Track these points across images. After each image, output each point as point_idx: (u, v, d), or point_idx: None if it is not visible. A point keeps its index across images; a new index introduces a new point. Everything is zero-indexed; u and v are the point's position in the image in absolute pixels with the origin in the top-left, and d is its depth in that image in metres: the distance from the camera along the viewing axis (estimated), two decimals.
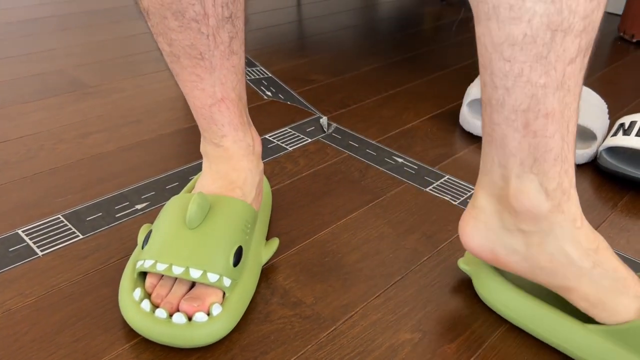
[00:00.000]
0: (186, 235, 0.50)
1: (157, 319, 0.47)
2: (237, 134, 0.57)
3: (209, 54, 0.51)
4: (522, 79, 0.42)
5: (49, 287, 0.54)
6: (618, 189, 0.75)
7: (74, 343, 0.48)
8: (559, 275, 0.47)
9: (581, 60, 0.42)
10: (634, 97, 1.05)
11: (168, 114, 0.89)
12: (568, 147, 0.45)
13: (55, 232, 0.61)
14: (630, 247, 0.64)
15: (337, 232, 0.63)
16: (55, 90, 0.95)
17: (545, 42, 0.40)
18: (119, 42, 1.19)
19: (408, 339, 0.50)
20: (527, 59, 0.41)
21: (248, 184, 0.57)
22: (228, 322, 0.48)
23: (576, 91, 0.44)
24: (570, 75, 0.42)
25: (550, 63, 0.41)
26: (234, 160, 0.57)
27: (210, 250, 0.49)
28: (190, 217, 0.50)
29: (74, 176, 0.71)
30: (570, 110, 0.44)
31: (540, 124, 0.43)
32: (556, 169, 0.45)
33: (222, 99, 0.54)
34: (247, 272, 0.52)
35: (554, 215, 0.46)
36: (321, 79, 1.06)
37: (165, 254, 0.49)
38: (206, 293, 0.49)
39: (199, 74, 0.52)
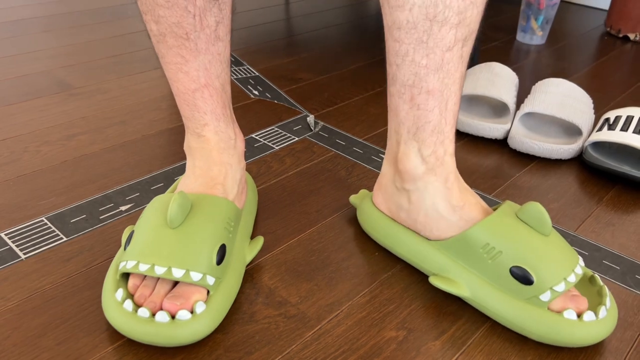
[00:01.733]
0: (168, 235, 0.49)
1: (140, 319, 0.46)
2: (219, 125, 0.57)
3: (195, 34, 0.52)
4: (408, 58, 0.50)
5: (31, 290, 0.53)
6: (603, 184, 0.75)
7: (57, 346, 0.47)
8: (433, 227, 0.55)
9: (459, 49, 0.49)
10: (620, 91, 1.05)
11: (153, 114, 0.88)
12: (445, 122, 0.52)
13: (39, 235, 0.60)
14: (615, 241, 0.64)
15: (323, 231, 0.63)
16: (40, 92, 0.94)
17: (425, 29, 0.47)
18: (104, 43, 1.18)
19: (393, 337, 0.50)
20: (411, 42, 0.49)
21: (229, 180, 0.57)
22: (212, 320, 0.48)
23: (455, 75, 0.50)
24: (448, 60, 0.49)
25: (430, 47, 0.48)
26: (214, 153, 0.57)
27: (193, 249, 0.49)
28: (171, 216, 0.50)
29: (58, 178, 0.71)
30: (450, 91, 0.51)
31: (422, 98, 0.51)
32: (432, 138, 0.53)
33: (206, 85, 0.55)
34: (230, 271, 0.52)
35: (427, 176, 0.54)
36: (308, 78, 1.06)
37: (147, 254, 0.48)
38: (189, 291, 0.48)
39: (184, 56, 0.53)
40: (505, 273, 0.50)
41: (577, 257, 0.51)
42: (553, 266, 0.49)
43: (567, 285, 0.49)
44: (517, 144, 0.81)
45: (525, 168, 0.78)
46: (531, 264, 0.50)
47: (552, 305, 0.49)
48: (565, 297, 0.50)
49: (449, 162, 0.54)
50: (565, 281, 0.49)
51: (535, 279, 0.49)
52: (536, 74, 1.13)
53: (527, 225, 0.52)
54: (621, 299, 0.56)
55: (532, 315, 0.49)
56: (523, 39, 1.31)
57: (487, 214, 0.54)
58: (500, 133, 0.83)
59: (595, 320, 0.49)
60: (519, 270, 0.50)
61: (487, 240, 0.51)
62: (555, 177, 0.76)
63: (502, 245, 0.51)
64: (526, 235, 0.51)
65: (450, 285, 0.53)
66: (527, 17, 1.27)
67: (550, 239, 0.51)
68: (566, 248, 0.52)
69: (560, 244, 0.52)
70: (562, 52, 1.26)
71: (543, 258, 0.50)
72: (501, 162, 0.80)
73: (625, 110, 0.80)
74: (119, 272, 0.50)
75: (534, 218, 0.51)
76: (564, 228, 0.66)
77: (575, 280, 0.49)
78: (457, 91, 0.52)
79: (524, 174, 0.77)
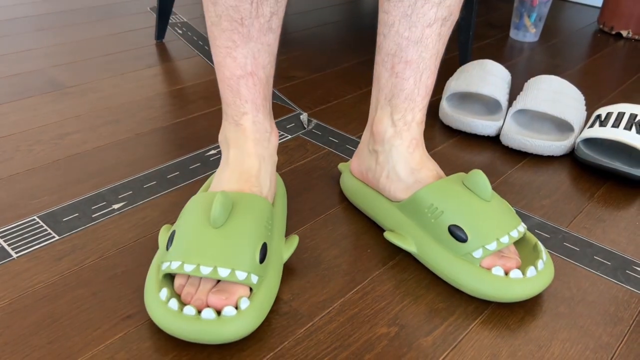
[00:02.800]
0: (211, 235, 0.50)
1: (186, 317, 0.46)
2: (258, 115, 0.58)
3: (249, 21, 0.53)
4: (393, 29, 0.56)
5: (23, 289, 0.53)
6: (595, 180, 0.75)
7: (48, 345, 0.47)
8: (392, 188, 0.61)
9: (438, 27, 0.55)
10: (612, 88, 1.06)
11: (146, 113, 0.88)
12: (418, 92, 0.59)
13: (31, 234, 0.60)
14: (606, 237, 0.64)
15: (316, 228, 0.63)
16: (32, 91, 0.94)
17: (410, 4, 0.54)
18: (97, 41, 1.18)
19: (385, 333, 0.50)
20: (397, 14, 0.55)
21: (262, 173, 0.58)
22: (256, 317, 0.48)
23: (432, 51, 0.57)
24: (427, 36, 0.56)
25: (412, 21, 0.55)
26: (249, 144, 0.58)
27: (237, 248, 0.49)
28: (215, 216, 0.50)
29: (51, 177, 0.71)
30: (426, 64, 0.57)
31: (401, 67, 0.57)
32: (404, 105, 0.59)
33: (252, 73, 0.56)
34: (271, 269, 0.52)
35: (394, 139, 0.60)
36: (302, 75, 1.06)
37: (192, 255, 0.48)
38: (233, 288, 0.49)
39: (235, 40, 0.54)
40: (444, 231, 0.55)
41: (516, 222, 0.56)
42: (487, 227, 0.54)
43: (498, 245, 0.53)
44: (509, 140, 0.81)
45: (517, 165, 0.78)
46: (467, 223, 0.54)
47: (484, 263, 0.54)
48: (497, 256, 0.54)
49: (414, 129, 0.60)
50: (498, 241, 0.53)
51: (469, 237, 0.54)
52: (529, 71, 1.13)
53: (470, 191, 0.57)
54: (612, 294, 0.56)
55: (465, 270, 0.54)
56: (516, 36, 1.31)
57: (437, 177, 0.60)
58: (493, 130, 0.83)
59: (521, 278, 0.52)
60: (456, 229, 0.55)
61: (432, 201, 0.57)
62: (547, 173, 0.77)
63: (444, 206, 0.56)
64: (466, 199, 0.56)
65: (401, 241, 0.58)
66: (520, 14, 1.28)
67: (491, 204, 0.56)
68: (505, 213, 0.56)
69: (500, 209, 0.56)
70: (555, 49, 1.26)
71: (478, 219, 0.54)
72: (493, 159, 0.80)
73: (617, 106, 0.81)
74: (161, 272, 0.50)
75: (476, 184, 0.56)
76: (556, 224, 0.66)
77: (508, 241, 0.54)
78: (433, 66, 0.58)
79: (516, 171, 0.77)
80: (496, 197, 0.58)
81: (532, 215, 0.68)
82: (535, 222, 0.66)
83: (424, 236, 0.57)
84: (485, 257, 0.54)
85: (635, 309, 0.54)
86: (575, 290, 0.56)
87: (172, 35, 1.23)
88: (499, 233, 0.54)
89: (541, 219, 0.67)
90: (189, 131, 0.83)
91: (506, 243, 0.54)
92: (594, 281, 0.58)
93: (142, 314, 0.51)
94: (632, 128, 0.75)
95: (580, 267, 0.59)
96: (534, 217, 0.67)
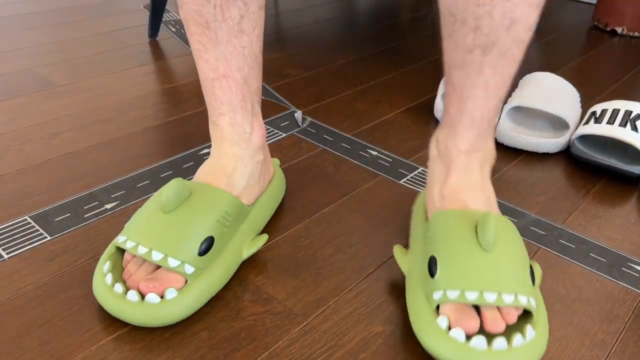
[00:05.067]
0: (159, 219, 0.51)
1: (114, 293, 0.48)
2: (235, 117, 0.58)
3: (215, 24, 0.53)
4: (444, 47, 0.52)
5: (14, 290, 0.52)
6: (590, 177, 0.75)
7: (40, 346, 0.47)
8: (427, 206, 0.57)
9: (479, 56, 0.48)
10: (607, 85, 1.05)
11: (137, 112, 0.87)
12: (460, 120, 0.53)
13: (22, 234, 0.60)
14: (601, 233, 0.64)
15: (310, 227, 0.63)
16: (23, 90, 0.93)
17: (451, 23, 0.49)
18: (88, 40, 1.17)
19: (380, 332, 0.50)
20: (444, 33, 0.51)
21: (237, 173, 0.58)
22: (180, 309, 0.48)
23: (477, 80, 0.50)
24: (469, 63, 0.49)
25: (455, 43, 0.49)
26: (225, 144, 0.58)
27: (177, 235, 0.50)
28: (164, 201, 0.51)
29: (42, 177, 0.70)
30: (470, 93, 0.51)
31: (449, 89, 0.53)
32: (447, 128, 0.55)
33: (225, 76, 0.56)
34: (217, 264, 0.52)
35: (435, 161, 0.57)
36: (296, 73, 1.05)
37: (136, 234, 0.50)
38: (168, 277, 0.49)
39: (204, 44, 0.54)
40: (427, 260, 0.50)
41: (519, 289, 0.46)
42: (461, 272, 0.46)
43: (460, 297, 0.45)
44: (504, 138, 0.81)
45: (512, 162, 0.78)
46: (444, 259, 0.48)
47: (442, 310, 0.47)
48: (460, 309, 0.46)
49: (454, 156, 0.54)
50: (462, 292, 0.45)
51: (438, 273, 0.47)
52: (524, 68, 1.13)
53: (474, 231, 0.49)
54: (607, 291, 0.56)
55: (420, 311, 0.47)
56: None
57: None
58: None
59: (485, 349, 0.44)
60: (432, 261, 0.49)
61: (431, 228, 0.52)
62: (542, 170, 0.77)
63: (438, 236, 0.50)
64: (462, 238, 0.48)
65: (400, 259, 0.54)
66: None
67: (488, 255, 0.47)
68: (507, 272, 0.46)
69: (500, 265, 0.46)
70: (550, 45, 1.26)
71: (458, 260, 0.47)
72: None
73: (612, 103, 0.80)
74: (113, 244, 0.52)
75: (480, 228, 0.48)
76: (551, 221, 0.66)
77: (475, 300, 0.45)
78: (479, 98, 0.51)
79: (511, 168, 0.77)
80: (506, 252, 0.48)
81: (527, 212, 0.67)
82: (530, 219, 0.66)
83: (417, 261, 0.52)
84: (444, 304, 0.46)
85: (631, 306, 0.54)
86: (570, 288, 0.56)
87: (166, 33, 1.23)
88: (470, 285, 0.45)
89: (536, 216, 0.67)
90: (182, 130, 0.83)
91: (472, 300, 0.45)
92: (589, 278, 0.57)
93: None
94: (627, 125, 0.75)
95: (576, 264, 0.59)
96: (529, 214, 0.67)
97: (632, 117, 0.76)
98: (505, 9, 0.45)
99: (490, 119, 0.53)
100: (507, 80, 0.51)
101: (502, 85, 0.51)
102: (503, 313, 0.46)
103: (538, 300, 0.49)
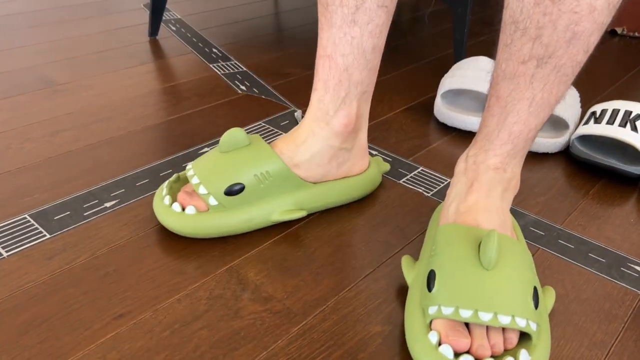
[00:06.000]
0: (214, 156, 0.60)
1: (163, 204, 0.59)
2: (325, 96, 0.60)
3: (332, 7, 0.56)
4: (497, 59, 0.52)
5: (13, 288, 0.52)
6: (590, 177, 0.75)
7: (38, 344, 0.47)
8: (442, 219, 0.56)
9: (533, 68, 0.48)
10: (607, 85, 1.05)
11: (139, 110, 0.87)
12: (498, 134, 0.53)
13: (22, 232, 0.60)
14: (601, 234, 0.64)
15: (309, 227, 0.63)
16: (24, 88, 0.93)
17: (510, 32, 0.49)
18: (90, 38, 1.17)
19: (379, 332, 0.50)
20: (501, 43, 0.51)
21: (305, 145, 0.61)
22: (191, 224, 0.57)
23: (524, 94, 0.49)
24: (520, 74, 0.49)
25: (509, 52, 0.49)
26: (308, 117, 0.62)
27: (216, 172, 0.58)
28: (222, 141, 0.59)
29: (42, 175, 0.70)
30: (514, 106, 0.51)
31: (492, 101, 0.53)
32: (481, 143, 0.55)
33: (329, 56, 0.59)
34: (239, 210, 0.59)
35: (460, 175, 0.56)
36: (296, 73, 1.05)
37: (196, 164, 0.60)
38: (197, 200, 0.59)
39: (322, 23, 0.58)
40: (427, 273, 0.49)
41: (518, 311, 0.45)
42: (458, 290, 0.46)
43: (455, 314, 0.45)
44: None
45: None
46: (442, 274, 0.47)
47: (435, 325, 0.46)
48: (452, 326, 0.46)
49: (483, 173, 0.53)
50: (457, 310, 0.45)
51: (435, 288, 0.47)
52: None
53: (477, 248, 0.48)
54: (606, 291, 0.56)
55: (415, 324, 0.47)
56: None
57: None
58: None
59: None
60: (432, 275, 0.48)
61: (439, 240, 0.51)
62: (542, 171, 0.77)
63: (441, 250, 0.49)
64: (462, 253, 0.48)
65: (406, 270, 0.53)
66: None
67: (487, 274, 0.46)
68: (507, 293, 0.45)
69: (496, 285, 0.46)
70: None
71: (455, 277, 0.46)
72: None
73: (612, 103, 0.80)
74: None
75: (482, 246, 0.47)
76: (551, 221, 0.66)
77: (469, 318, 0.44)
78: (523, 112, 0.50)
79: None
80: (505, 271, 0.46)
81: (526, 212, 0.67)
82: (530, 220, 0.66)
83: (421, 273, 0.51)
84: (437, 319, 0.46)
85: (630, 306, 0.54)
86: (569, 288, 0.56)
87: (166, 32, 1.23)
88: (467, 303, 0.45)
89: (536, 217, 0.67)
90: (182, 128, 0.83)
91: (465, 317, 0.44)
92: (589, 278, 0.57)
93: (133, 313, 0.50)
94: (627, 125, 0.75)
95: (575, 264, 0.59)
96: (529, 215, 0.67)
97: (632, 117, 0.76)
98: (570, 21, 0.45)
99: (527, 139, 0.53)
100: (553, 102, 0.51)
101: (547, 105, 0.50)
102: (504, 338, 0.46)
103: (542, 325, 0.47)
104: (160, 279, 0.54)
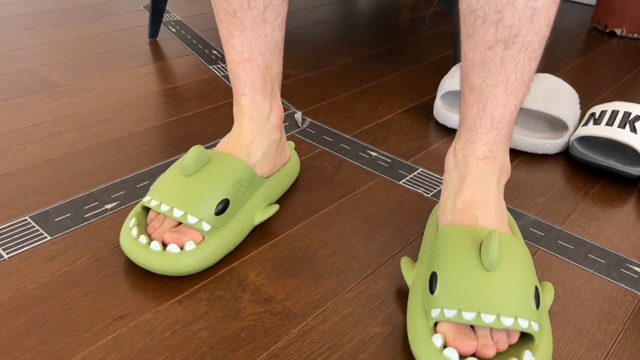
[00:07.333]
0: (180, 181, 0.57)
1: (139, 244, 0.54)
2: (255, 97, 0.62)
3: (242, 13, 0.58)
4: (463, 51, 0.52)
5: (14, 290, 0.52)
6: (589, 178, 0.75)
7: (39, 346, 0.47)
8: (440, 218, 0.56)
9: (501, 51, 0.49)
10: (607, 87, 1.06)
11: (139, 112, 0.88)
12: (480, 123, 0.53)
13: (22, 234, 0.60)
14: (600, 234, 0.64)
15: (309, 227, 0.63)
16: (24, 90, 0.93)
17: (470, 22, 0.49)
18: (89, 40, 1.17)
19: (379, 332, 0.50)
20: (463, 34, 0.51)
21: (254, 146, 0.63)
22: (197, 260, 0.54)
23: (497, 78, 0.50)
24: (489, 59, 0.49)
25: (474, 42, 0.50)
26: (245, 120, 0.63)
27: (196, 195, 0.56)
28: (186, 165, 0.57)
29: (42, 177, 0.70)
30: (490, 93, 0.51)
31: (467, 93, 0.53)
32: (465, 135, 0.54)
33: (248, 60, 0.60)
34: (232, 225, 0.57)
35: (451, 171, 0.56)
36: (296, 74, 1.05)
37: (159, 194, 0.56)
38: (188, 232, 0.55)
39: (231, 30, 0.59)
40: (429, 275, 0.49)
41: (521, 312, 0.45)
42: (460, 293, 0.45)
43: (457, 317, 0.45)
44: None
45: (511, 163, 0.78)
46: (444, 276, 0.47)
47: (439, 328, 0.46)
48: (457, 329, 0.46)
49: (473, 165, 0.54)
50: (459, 312, 0.45)
51: (437, 291, 0.47)
52: None
53: (478, 249, 0.48)
54: (606, 292, 0.56)
55: (418, 326, 0.47)
56: None
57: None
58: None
59: None
60: (434, 277, 0.48)
61: (439, 242, 0.51)
62: (542, 172, 0.77)
63: (442, 251, 0.49)
64: (463, 255, 0.48)
65: (406, 271, 0.54)
66: None
67: (489, 275, 0.46)
68: (508, 294, 0.45)
69: (498, 286, 0.46)
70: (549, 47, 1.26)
71: (457, 280, 0.46)
72: None
73: (611, 105, 0.81)
74: (139, 205, 0.58)
75: (484, 247, 0.47)
76: (550, 222, 0.66)
77: (472, 320, 0.44)
78: (500, 96, 0.51)
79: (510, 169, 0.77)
80: (507, 272, 0.47)
81: (526, 213, 0.68)
82: (529, 220, 0.66)
83: (422, 274, 0.51)
84: (441, 322, 0.46)
85: (630, 307, 0.54)
86: (569, 289, 0.56)
87: (166, 33, 1.23)
88: (469, 305, 0.45)
89: (535, 217, 0.67)
90: (182, 130, 0.83)
91: (468, 320, 0.44)
92: (588, 279, 0.57)
93: (134, 315, 0.50)
94: (626, 126, 0.75)
95: (574, 265, 0.59)
96: (528, 215, 0.67)
97: (631, 118, 0.77)
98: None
99: (510, 121, 0.53)
100: (527, 79, 0.51)
101: (522, 84, 0.51)
102: (506, 335, 0.46)
103: (543, 325, 0.47)
104: (161, 280, 0.54)
